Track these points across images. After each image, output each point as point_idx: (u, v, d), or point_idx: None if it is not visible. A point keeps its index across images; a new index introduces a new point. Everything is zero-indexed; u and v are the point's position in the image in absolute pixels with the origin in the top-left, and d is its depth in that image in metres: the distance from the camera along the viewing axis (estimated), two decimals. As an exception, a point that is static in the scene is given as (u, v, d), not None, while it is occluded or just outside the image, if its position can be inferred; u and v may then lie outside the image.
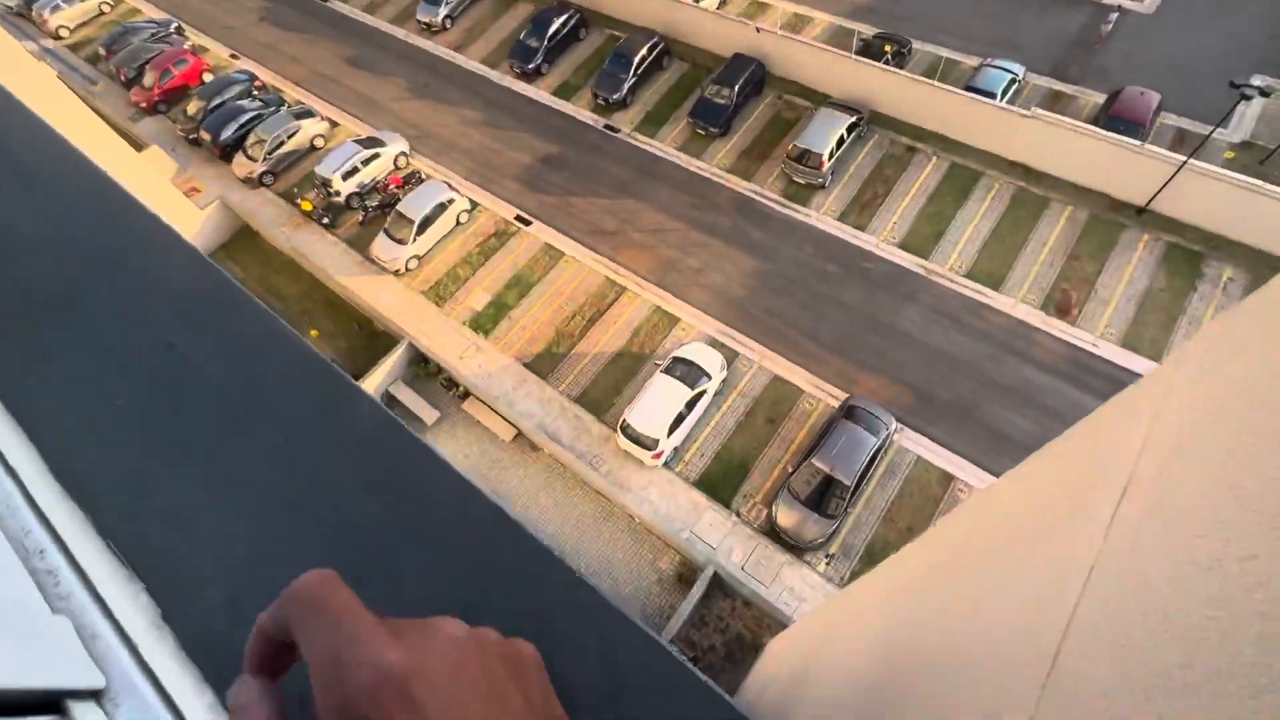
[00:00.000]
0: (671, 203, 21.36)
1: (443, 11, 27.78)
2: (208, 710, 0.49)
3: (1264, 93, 16.87)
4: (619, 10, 26.56)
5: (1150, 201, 18.29)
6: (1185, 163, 17.07)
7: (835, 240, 19.79)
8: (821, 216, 20.27)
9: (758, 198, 21.02)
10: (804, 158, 20.12)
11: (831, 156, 19.99)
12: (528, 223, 21.61)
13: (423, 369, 20.02)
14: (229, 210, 23.78)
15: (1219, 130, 18.37)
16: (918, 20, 24.50)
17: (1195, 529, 0.48)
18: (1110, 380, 16.41)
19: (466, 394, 19.25)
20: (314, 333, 21.26)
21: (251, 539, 0.58)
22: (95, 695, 0.47)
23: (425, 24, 28.16)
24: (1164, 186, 17.77)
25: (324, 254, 21.74)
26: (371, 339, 20.86)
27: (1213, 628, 0.42)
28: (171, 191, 22.06)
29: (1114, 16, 22.31)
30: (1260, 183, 16.85)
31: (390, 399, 19.60)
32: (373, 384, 19.03)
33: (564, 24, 25.69)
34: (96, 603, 0.51)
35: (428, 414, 19.05)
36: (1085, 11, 23.85)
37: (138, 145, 25.29)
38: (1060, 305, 17.83)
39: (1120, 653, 0.49)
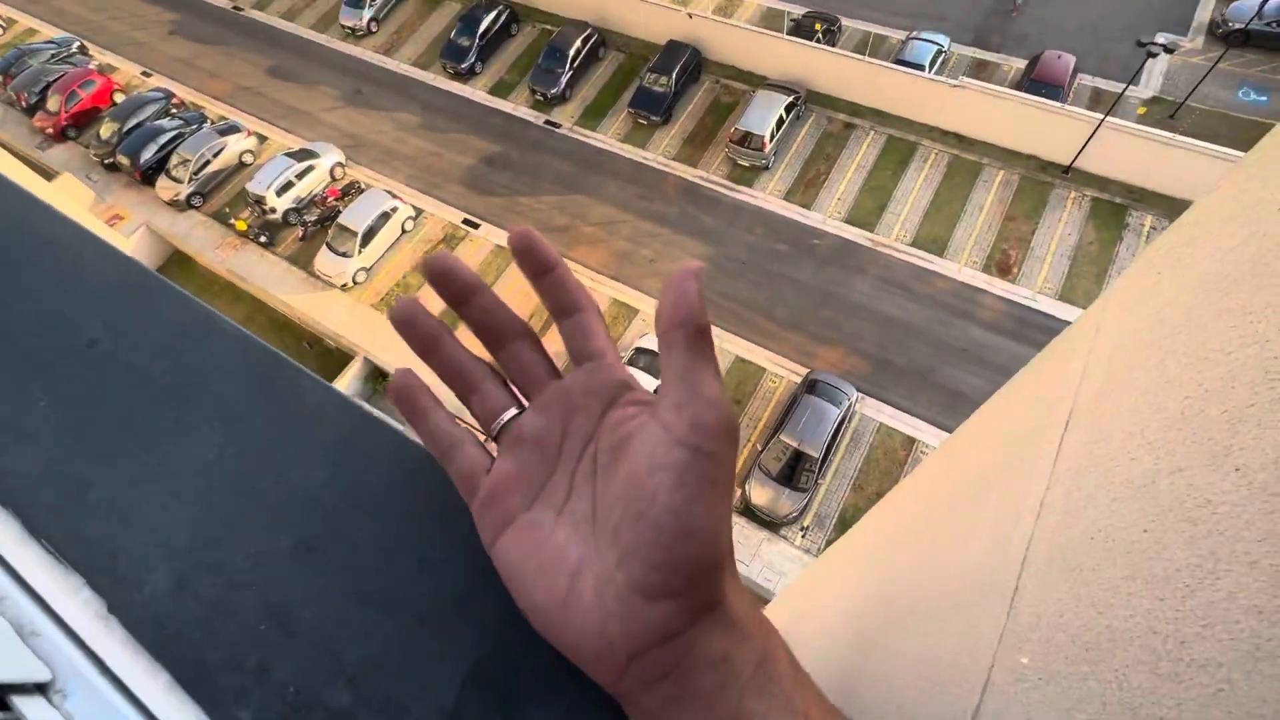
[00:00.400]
0: (619, 195, 21.32)
1: (367, 14, 26.91)
2: (164, 690, 0.48)
3: (1168, 49, 17.82)
4: (549, 3, 26.22)
5: (1075, 160, 19.16)
6: (1103, 120, 17.93)
7: (783, 220, 20.10)
8: (768, 197, 20.54)
9: (704, 183, 21.16)
10: (746, 140, 20.33)
11: (773, 137, 20.25)
12: (476, 226, 21.26)
13: (380, 384, 19.54)
14: (157, 236, 22.66)
15: (1131, 88, 19.33)
16: (844, -2, 24.94)
17: (1129, 451, 0.51)
18: (1050, 332, 17.06)
19: (429, 405, 18.88)
20: (262, 356, 20.49)
21: (194, 521, 0.56)
22: (41, 689, 0.46)
23: (349, 28, 27.23)
24: (1086, 145, 18.63)
25: (265, 274, 20.95)
26: (324, 358, 20.24)
27: (1149, 539, 0.44)
28: (91, 220, 20.86)
29: (1027, -16, 23.20)
30: (1171, 135, 17.86)
31: (349, 417, 19.07)
32: (330, 403, 18.48)
33: (494, 20, 25.22)
34: (34, 601, 0.50)
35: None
36: (1001, -20, 24.69)
37: (48, 175, 23.81)
38: (1000, 265, 18.55)
39: (1071, 576, 0.52)
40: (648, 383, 16.36)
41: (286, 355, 0.68)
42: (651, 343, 17.31)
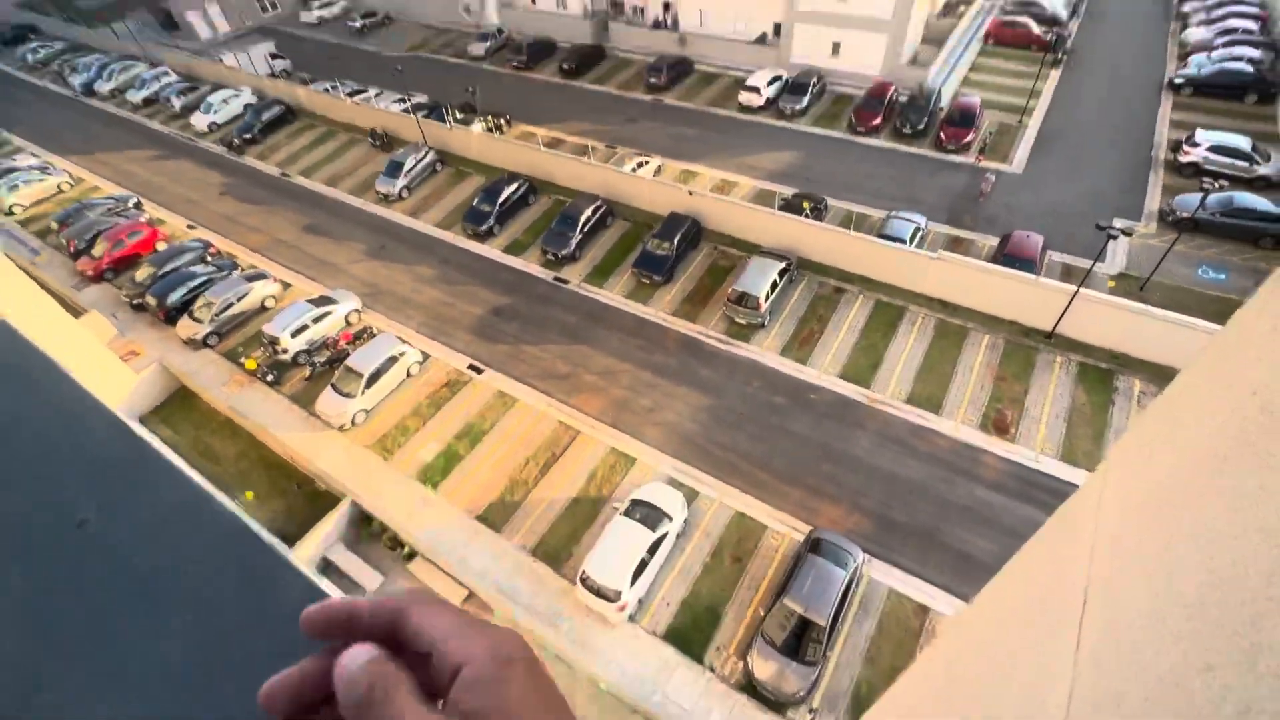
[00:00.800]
0: (621, 346, 22.10)
1: (400, 183, 29.93)
2: None
3: (1126, 233, 19.49)
4: (565, 178, 29.25)
5: (1056, 326, 20.12)
6: (1076, 292, 19.11)
7: (780, 374, 20.62)
8: (764, 352, 21.27)
9: (703, 338, 22.04)
10: (743, 300, 21.53)
11: (767, 298, 21.47)
12: (480, 371, 21.78)
13: (366, 529, 18.79)
14: (167, 373, 23.13)
15: (1098, 264, 20.85)
16: (828, 182, 27.85)
17: (1153, 642, 0.48)
18: (1056, 494, 16.85)
19: (413, 554, 17.99)
20: (249, 495, 19.94)
21: None
22: None
23: (383, 194, 30.12)
24: (1064, 313, 19.68)
25: (266, 412, 21.06)
26: (312, 499, 19.67)
27: (1192, 747, 0.42)
28: (106, 355, 21.45)
29: (992, 176, 25.99)
30: (1143, 306, 18.93)
31: (327, 565, 18.07)
32: (309, 548, 17.63)
33: (514, 191, 27.95)
34: None
35: (369, 579, 17.55)
36: (967, 172, 27.74)
37: (77, 312, 24.93)
38: (997, 424, 18.67)
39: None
40: (644, 536, 15.70)
41: (275, 544, 0.67)
42: (647, 494, 16.90)
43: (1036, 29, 35.72)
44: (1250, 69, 29.45)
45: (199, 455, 21.05)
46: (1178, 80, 30.79)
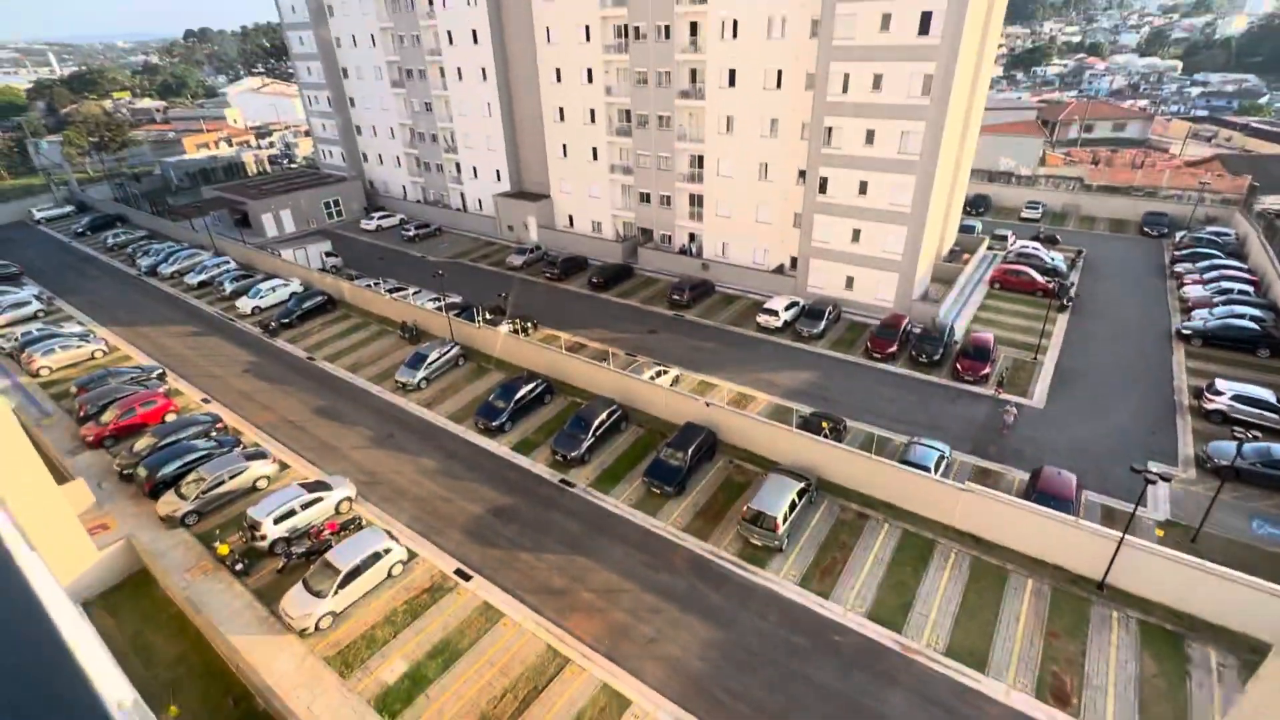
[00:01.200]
0: (625, 560, 20.23)
1: (421, 374, 30.55)
2: None
3: (1164, 478, 18.48)
4: (583, 381, 29.71)
5: (1106, 575, 18.18)
6: (1122, 539, 17.56)
7: (799, 608, 18.37)
8: (782, 581, 19.24)
9: (714, 559, 20.17)
10: (759, 520, 20.09)
11: (785, 519, 20.03)
12: (468, 577, 19.75)
13: (298, 773, 15.40)
14: (131, 551, 21.28)
15: (1140, 509, 19.47)
16: (845, 403, 27.89)
17: None
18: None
19: (347, 814, 14.45)
20: (172, 710, 16.86)
21: None
22: None
23: (402, 384, 30.58)
24: (1113, 562, 17.90)
25: (221, 607, 18.77)
26: (244, 723, 16.50)
27: None
28: (73, 527, 19.90)
29: (1013, 409, 25.83)
30: (1201, 561, 17.15)
31: (239, 823, 14.46)
32: (222, 797, 14.26)
33: (532, 390, 28.21)
34: None
35: None
36: (986, 402, 27.75)
37: (64, 477, 23.91)
38: (1056, 692, 15.93)
39: None
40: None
41: None
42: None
43: (1039, 278, 38.57)
44: (1255, 326, 30.79)
45: (134, 653, 18.35)
46: (1185, 331, 32.16)
